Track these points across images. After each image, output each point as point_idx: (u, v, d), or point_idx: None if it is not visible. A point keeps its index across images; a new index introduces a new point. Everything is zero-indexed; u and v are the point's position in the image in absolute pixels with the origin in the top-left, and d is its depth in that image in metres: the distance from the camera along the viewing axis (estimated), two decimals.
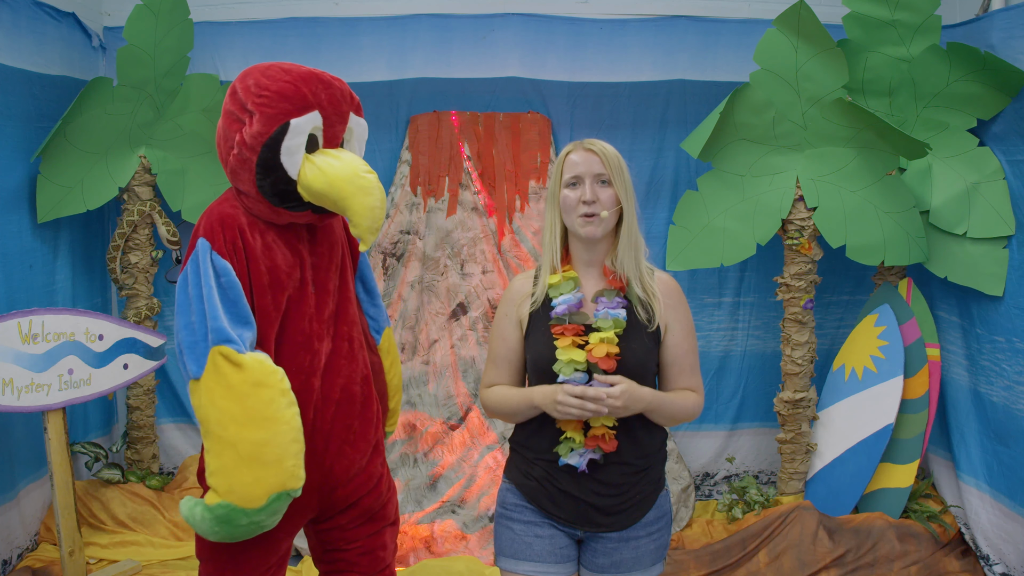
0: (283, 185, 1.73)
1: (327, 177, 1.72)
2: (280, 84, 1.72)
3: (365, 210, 1.72)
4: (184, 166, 3.33)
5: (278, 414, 1.67)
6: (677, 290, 1.86)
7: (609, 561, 1.82)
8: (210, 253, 1.71)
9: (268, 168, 1.72)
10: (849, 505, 3.22)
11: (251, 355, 1.68)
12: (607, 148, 1.80)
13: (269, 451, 1.66)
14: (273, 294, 1.78)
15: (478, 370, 3.51)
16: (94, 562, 3.04)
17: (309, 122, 1.73)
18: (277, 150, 1.71)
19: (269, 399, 1.67)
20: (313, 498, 1.86)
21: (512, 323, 1.87)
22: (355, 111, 1.85)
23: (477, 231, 3.55)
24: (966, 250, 3.07)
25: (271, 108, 1.71)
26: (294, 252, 1.82)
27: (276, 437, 1.66)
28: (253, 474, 1.65)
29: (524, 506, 1.85)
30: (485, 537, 3.16)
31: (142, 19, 3.05)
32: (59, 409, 2.77)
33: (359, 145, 1.89)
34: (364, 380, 1.94)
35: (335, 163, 1.74)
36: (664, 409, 1.79)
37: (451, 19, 3.50)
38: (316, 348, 1.83)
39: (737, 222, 3.24)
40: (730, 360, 3.68)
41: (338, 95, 1.79)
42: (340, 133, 1.81)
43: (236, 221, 1.77)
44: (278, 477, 1.66)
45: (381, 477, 2.01)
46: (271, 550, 1.86)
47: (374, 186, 1.73)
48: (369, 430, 1.95)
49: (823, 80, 3.09)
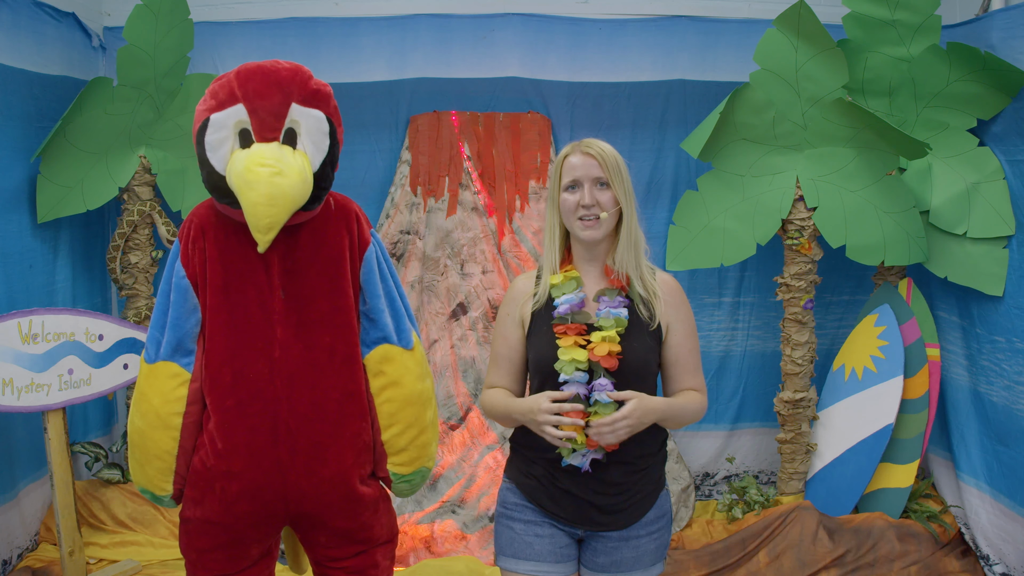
0: (215, 180, 1.72)
1: (229, 171, 1.68)
2: (220, 81, 1.73)
3: (247, 205, 1.63)
4: (184, 166, 3.33)
5: (148, 430, 1.80)
6: (678, 290, 1.86)
7: (609, 560, 1.82)
8: (176, 255, 1.80)
9: (202, 163, 1.73)
10: (849, 505, 3.22)
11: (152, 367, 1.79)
12: (605, 149, 1.79)
13: (138, 453, 1.84)
14: (226, 295, 1.76)
15: (478, 370, 3.51)
16: (94, 562, 3.04)
17: (231, 116, 1.69)
18: (203, 145, 1.71)
19: (144, 412, 1.81)
20: (278, 507, 1.83)
21: (514, 323, 1.87)
22: (304, 102, 1.72)
23: (477, 231, 3.55)
24: (966, 250, 3.07)
25: (202, 104, 1.73)
26: (258, 255, 1.76)
27: (144, 446, 1.82)
28: (130, 463, 1.88)
29: (525, 505, 1.85)
30: (485, 537, 3.16)
31: (142, 19, 3.05)
32: (59, 409, 2.77)
33: (311, 138, 1.73)
34: (348, 396, 1.83)
35: (239, 156, 1.67)
36: (676, 416, 1.79)
37: (451, 19, 3.50)
38: (277, 356, 1.77)
39: (737, 222, 3.24)
40: (730, 360, 3.68)
41: (269, 86, 1.68)
42: (276, 126, 1.69)
43: (201, 220, 1.79)
44: (141, 478, 1.86)
45: (361, 500, 1.88)
46: (238, 555, 1.87)
47: (261, 180, 1.61)
48: (345, 449, 1.83)
49: (823, 80, 3.09)
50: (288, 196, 1.64)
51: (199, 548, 1.86)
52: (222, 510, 1.81)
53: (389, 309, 1.89)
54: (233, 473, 1.79)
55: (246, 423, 1.78)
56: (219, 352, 1.78)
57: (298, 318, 1.79)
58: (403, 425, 1.89)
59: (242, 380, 1.77)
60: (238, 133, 1.70)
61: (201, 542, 1.85)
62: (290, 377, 1.78)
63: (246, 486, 1.79)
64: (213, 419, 1.80)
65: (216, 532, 1.84)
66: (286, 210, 1.65)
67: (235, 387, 1.77)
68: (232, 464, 1.78)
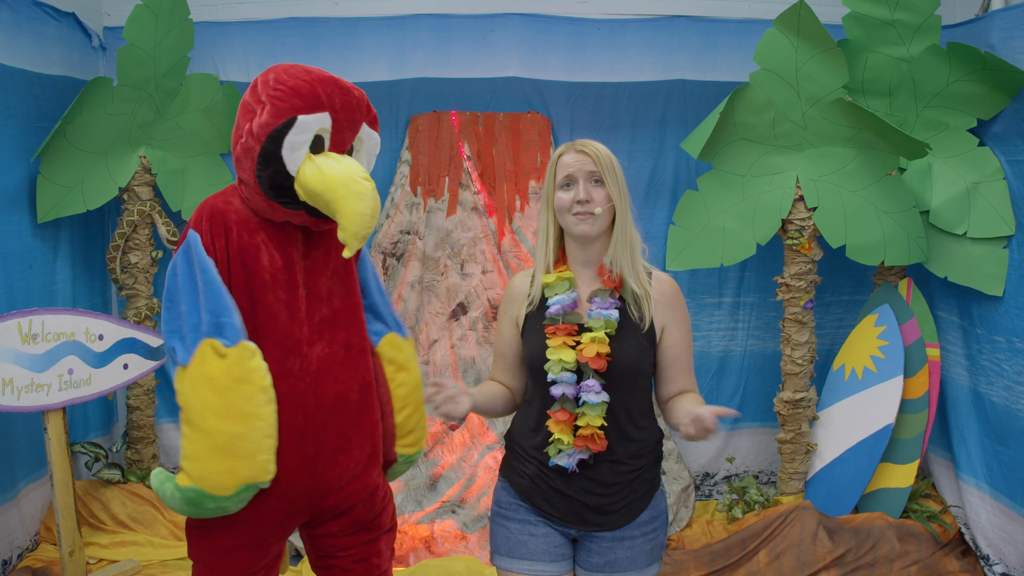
0: (280, 179, 1.73)
1: (324, 177, 1.71)
2: (297, 81, 1.74)
3: (355, 215, 1.69)
4: (184, 166, 3.33)
5: (256, 410, 1.72)
6: (675, 290, 1.86)
7: (604, 560, 1.82)
8: (200, 246, 1.76)
9: (269, 159, 1.73)
10: (849, 505, 3.22)
11: (238, 349, 1.71)
12: (599, 148, 1.80)
13: (243, 445, 1.71)
14: (251, 294, 1.77)
15: (478, 370, 3.51)
16: (94, 562, 3.04)
17: (317, 122, 1.73)
18: (280, 143, 1.71)
19: (248, 395, 1.71)
20: (304, 503, 1.85)
21: (510, 321, 1.89)
22: (369, 123, 1.85)
23: (477, 231, 3.55)
24: (966, 250, 3.07)
25: (282, 102, 1.72)
26: (283, 254, 1.81)
27: (251, 432, 1.71)
28: (226, 464, 1.70)
29: (519, 504, 1.85)
30: (485, 537, 3.16)
31: (142, 19, 3.05)
32: (59, 409, 2.77)
33: (368, 158, 1.88)
34: (364, 387, 1.91)
35: (334, 164, 1.73)
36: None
37: (451, 19, 3.50)
38: (305, 352, 1.81)
39: (737, 222, 3.24)
40: (730, 360, 3.68)
41: (353, 103, 1.78)
42: (349, 140, 1.80)
43: (224, 217, 1.78)
44: (250, 470, 1.72)
45: (376, 488, 1.97)
46: (260, 553, 1.87)
47: (368, 193, 1.70)
48: (365, 439, 1.92)
49: (823, 80, 3.09)
50: (378, 210, 1.75)
51: (221, 550, 1.84)
52: (250, 508, 1.80)
53: (382, 302, 2.04)
54: None
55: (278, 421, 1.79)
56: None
57: (319, 315, 1.85)
58: (412, 407, 2.03)
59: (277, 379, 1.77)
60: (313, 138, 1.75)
61: (224, 543, 1.84)
62: (316, 373, 1.83)
63: (275, 484, 1.79)
64: None
65: (242, 531, 1.83)
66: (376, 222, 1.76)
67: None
68: None
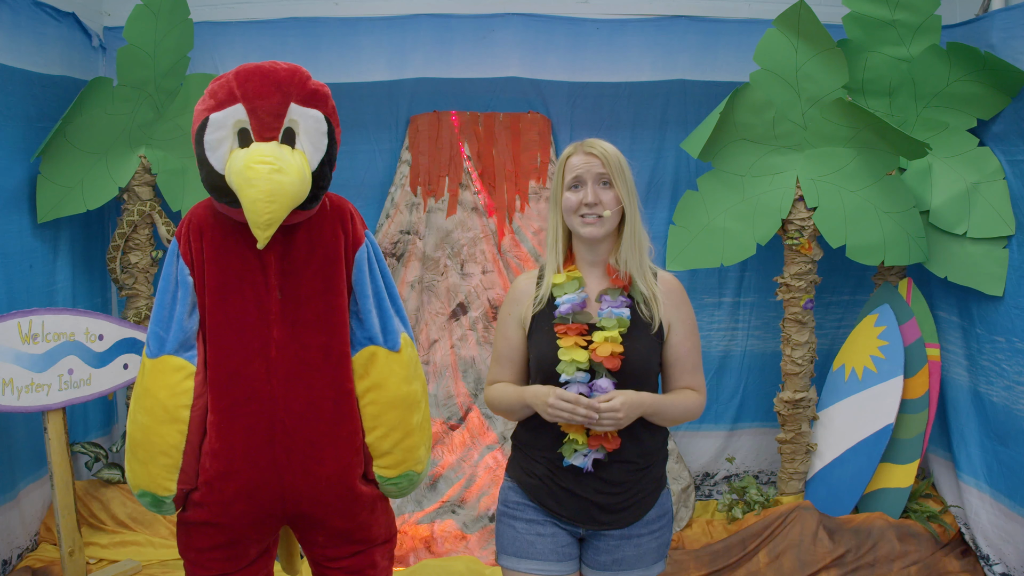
0: (214, 179, 1.73)
1: (229, 170, 1.69)
2: (219, 81, 1.74)
3: (247, 202, 1.64)
4: (184, 166, 3.33)
5: (154, 425, 1.77)
6: (680, 290, 1.87)
7: (611, 559, 1.82)
8: (175, 254, 1.80)
9: (201, 163, 1.74)
10: (849, 505, 3.22)
11: (154, 361, 1.75)
12: (608, 149, 1.80)
13: (139, 451, 1.79)
14: (222, 295, 1.77)
15: (478, 370, 3.51)
16: (94, 562, 3.04)
17: (229, 116, 1.70)
18: (202, 145, 1.72)
19: (149, 407, 1.77)
20: (276, 507, 1.84)
21: (515, 322, 1.87)
22: (300, 102, 1.73)
23: (477, 231, 3.55)
24: (966, 250, 3.07)
25: (201, 104, 1.74)
26: (256, 255, 1.78)
27: (146, 442, 1.78)
28: (129, 465, 1.82)
29: (526, 504, 1.85)
30: (485, 537, 3.16)
31: (142, 19, 3.05)
32: (59, 409, 2.77)
33: (309, 138, 1.75)
34: (343, 395, 1.84)
35: (238, 155, 1.69)
36: (664, 412, 1.80)
37: (451, 19, 3.50)
38: (274, 356, 1.78)
39: (737, 222, 3.24)
40: (730, 360, 3.68)
41: (270, 87, 1.70)
42: (275, 125, 1.71)
43: (199, 221, 1.80)
44: (143, 479, 1.79)
45: (358, 499, 1.88)
46: (237, 554, 1.87)
47: (259, 178, 1.62)
48: (342, 449, 1.84)
49: (823, 80, 3.09)
50: (287, 193, 1.66)
51: (198, 548, 1.86)
52: (219, 510, 1.81)
53: (377, 310, 1.88)
54: (230, 473, 1.79)
55: (242, 423, 1.78)
56: (215, 352, 1.78)
57: (294, 318, 1.80)
58: (386, 428, 1.87)
59: (238, 380, 1.77)
60: (237, 133, 1.72)
61: (199, 542, 1.85)
62: (286, 377, 1.79)
63: (242, 486, 1.79)
64: (209, 419, 1.80)
65: (214, 532, 1.84)
66: (285, 207, 1.66)
67: (231, 387, 1.78)
68: (228, 464, 1.79)
